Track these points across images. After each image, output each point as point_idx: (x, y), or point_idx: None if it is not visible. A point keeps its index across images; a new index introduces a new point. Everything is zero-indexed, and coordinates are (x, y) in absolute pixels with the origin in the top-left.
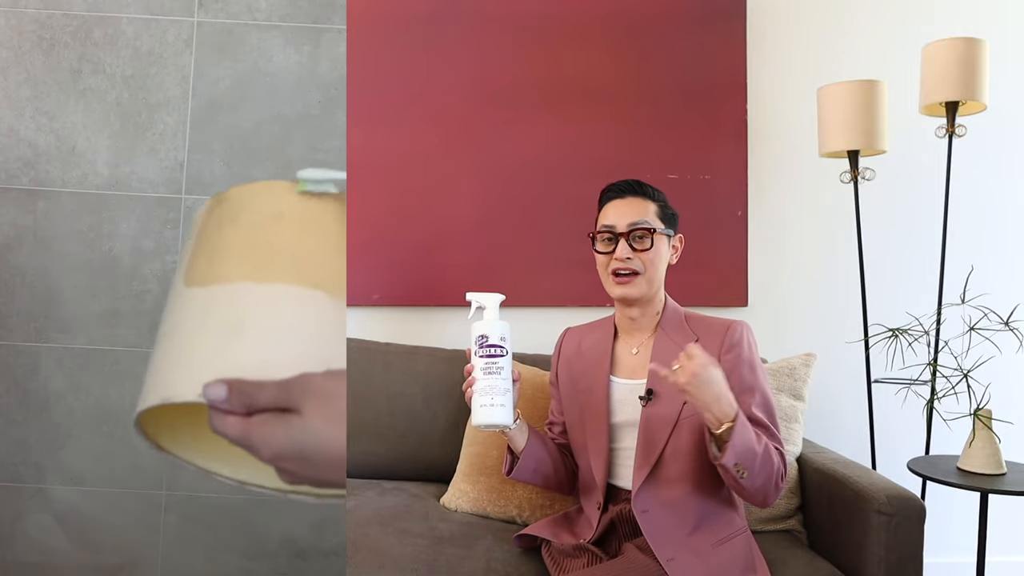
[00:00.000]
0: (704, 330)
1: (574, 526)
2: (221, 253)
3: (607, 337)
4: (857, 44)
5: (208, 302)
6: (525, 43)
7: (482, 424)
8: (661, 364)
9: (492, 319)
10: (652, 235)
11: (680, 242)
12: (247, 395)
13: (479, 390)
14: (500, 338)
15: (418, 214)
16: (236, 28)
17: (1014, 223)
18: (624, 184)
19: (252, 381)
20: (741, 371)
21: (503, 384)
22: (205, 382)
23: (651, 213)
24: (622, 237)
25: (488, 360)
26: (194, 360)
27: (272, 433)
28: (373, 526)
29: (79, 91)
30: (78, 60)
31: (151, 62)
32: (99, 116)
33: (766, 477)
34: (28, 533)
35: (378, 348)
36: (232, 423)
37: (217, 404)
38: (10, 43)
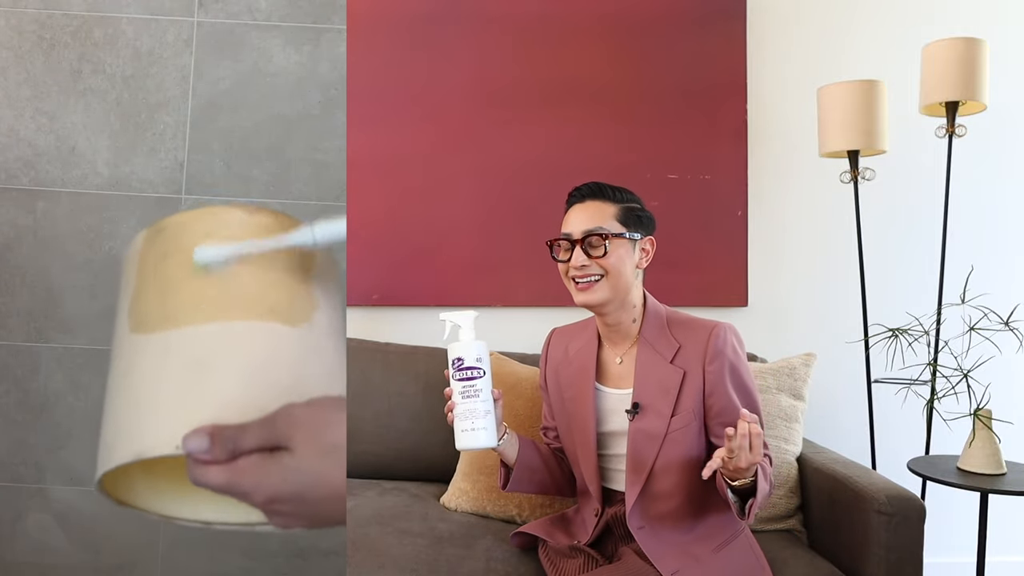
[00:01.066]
0: (686, 335)
1: (570, 527)
2: (171, 292)
3: (592, 344)
4: (857, 44)
5: (164, 347)
6: (525, 43)
7: (464, 449)
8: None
9: (468, 340)
10: (606, 241)
11: (651, 244)
12: (230, 440)
13: (459, 415)
14: (476, 359)
15: (418, 214)
16: (236, 28)
17: (1014, 223)
18: (585, 188)
19: (232, 424)
20: (726, 382)
21: (483, 407)
22: (182, 432)
23: (609, 217)
24: (577, 244)
25: (466, 384)
26: (161, 409)
27: (264, 476)
28: (373, 526)
29: (79, 91)
30: (78, 60)
31: (151, 62)
32: (99, 116)
33: (762, 506)
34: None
35: (378, 348)
36: (216, 473)
37: (199, 456)
38: (10, 43)
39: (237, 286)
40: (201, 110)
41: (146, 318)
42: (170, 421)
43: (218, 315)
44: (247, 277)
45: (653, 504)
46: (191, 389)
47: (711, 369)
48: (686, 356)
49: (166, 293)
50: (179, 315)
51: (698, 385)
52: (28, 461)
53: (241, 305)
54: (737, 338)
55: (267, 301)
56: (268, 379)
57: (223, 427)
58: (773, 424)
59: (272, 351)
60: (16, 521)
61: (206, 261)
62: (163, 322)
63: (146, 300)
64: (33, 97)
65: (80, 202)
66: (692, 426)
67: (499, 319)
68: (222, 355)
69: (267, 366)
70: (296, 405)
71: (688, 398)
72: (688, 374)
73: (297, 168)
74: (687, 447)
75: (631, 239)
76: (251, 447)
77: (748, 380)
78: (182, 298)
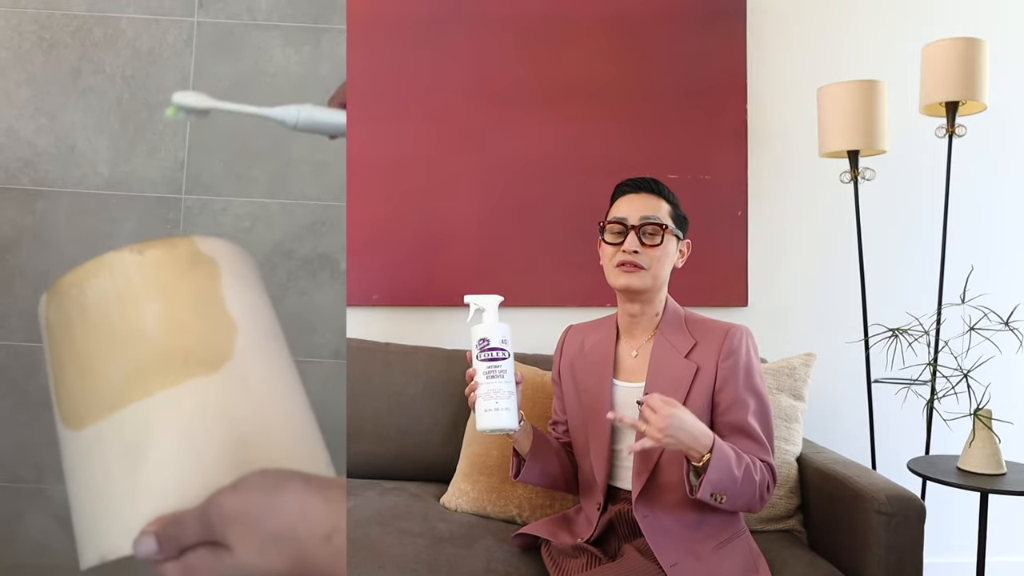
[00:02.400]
0: (703, 333)
1: (572, 526)
2: (87, 372)
3: (609, 338)
4: (857, 44)
5: (97, 439)
6: (526, 43)
7: (487, 429)
8: (668, 383)
9: (492, 321)
10: (663, 232)
11: (687, 247)
12: (173, 538)
13: (483, 395)
14: (501, 340)
15: (418, 214)
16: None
17: (1014, 223)
18: (641, 180)
19: (169, 517)
20: (738, 379)
21: (507, 388)
22: (135, 529)
23: (664, 212)
24: (633, 230)
25: (490, 364)
26: (110, 507)
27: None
28: (373, 526)
29: (79, 91)
30: (78, 60)
31: (151, 62)
32: (99, 116)
33: (748, 497)
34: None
35: (378, 348)
36: (172, 570)
37: (152, 558)
38: (10, 43)
39: (150, 347)
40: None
41: (73, 409)
42: (121, 519)
43: (137, 390)
44: (157, 331)
45: (659, 495)
46: (132, 480)
47: (724, 366)
48: (701, 352)
49: (83, 374)
50: (101, 401)
51: (709, 381)
52: (28, 461)
53: (158, 367)
54: (753, 342)
55: (181, 351)
56: (211, 443)
57: (165, 522)
58: (773, 424)
59: (203, 410)
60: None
61: (185, 104)
62: (89, 413)
63: (67, 385)
64: (33, 97)
65: (80, 202)
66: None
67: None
68: (153, 434)
69: (204, 429)
70: (223, 492)
71: (699, 393)
72: (701, 369)
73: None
74: None
75: (677, 237)
76: (193, 541)
77: (759, 383)
78: (100, 376)
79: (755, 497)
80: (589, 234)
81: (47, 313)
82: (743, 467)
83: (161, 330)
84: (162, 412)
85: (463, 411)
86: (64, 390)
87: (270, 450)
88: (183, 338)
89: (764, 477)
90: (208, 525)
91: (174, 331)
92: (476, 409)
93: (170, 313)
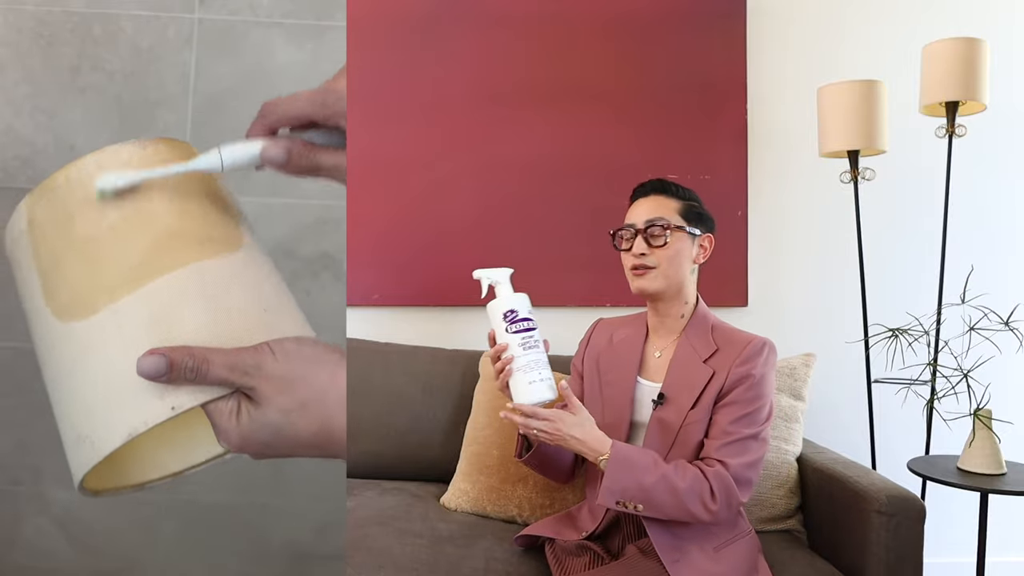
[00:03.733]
0: (726, 342)
1: (576, 522)
2: (97, 259)
3: (639, 335)
4: (857, 44)
5: (115, 322)
6: (527, 44)
7: (535, 400)
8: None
9: (511, 293)
10: (667, 232)
11: (709, 242)
12: (189, 369)
13: (522, 367)
14: (528, 311)
15: (419, 214)
16: (237, 25)
17: (1014, 223)
18: (648, 184)
19: (198, 348)
20: (743, 384)
21: (543, 357)
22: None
23: (672, 211)
24: (639, 233)
25: (525, 335)
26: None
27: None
28: (373, 526)
29: (78, 88)
30: (77, 57)
31: (151, 59)
32: (98, 114)
33: (674, 506)
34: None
35: (378, 348)
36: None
37: (158, 380)
38: (8, 40)
39: (162, 227)
40: (202, 108)
41: (77, 297)
42: (155, 387)
43: (166, 262)
44: (166, 215)
45: None
46: (163, 344)
47: (738, 370)
48: (720, 359)
49: (90, 259)
50: (118, 280)
51: (720, 383)
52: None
53: (181, 243)
54: (773, 356)
55: (199, 233)
56: (239, 310)
57: (187, 349)
58: (773, 424)
59: (229, 279)
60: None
61: (109, 187)
62: (102, 295)
63: (67, 275)
64: (31, 95)
65: None
66: (704, 420)
67: None
68: (179, 306)
69: (231, 296)
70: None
71: (709, 395)
72: (716, 374)
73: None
74: (700, 441)
75: (691, 234)
76: (216, 382)
77: (765, 392)
78: (113, 257)
79: (686, 507)
80: (590, 234)
81: (31, 213)
82: (659, 476)
83: (175, 212)
84: (190, 283)
85: (463, 411)
86: (62, 282)
87: (288, 320)
88: (197, 221)
89: (700, 487)
90: (241, 372)
91: (187, 215)
92: (515, 383)
93: (181, 199)
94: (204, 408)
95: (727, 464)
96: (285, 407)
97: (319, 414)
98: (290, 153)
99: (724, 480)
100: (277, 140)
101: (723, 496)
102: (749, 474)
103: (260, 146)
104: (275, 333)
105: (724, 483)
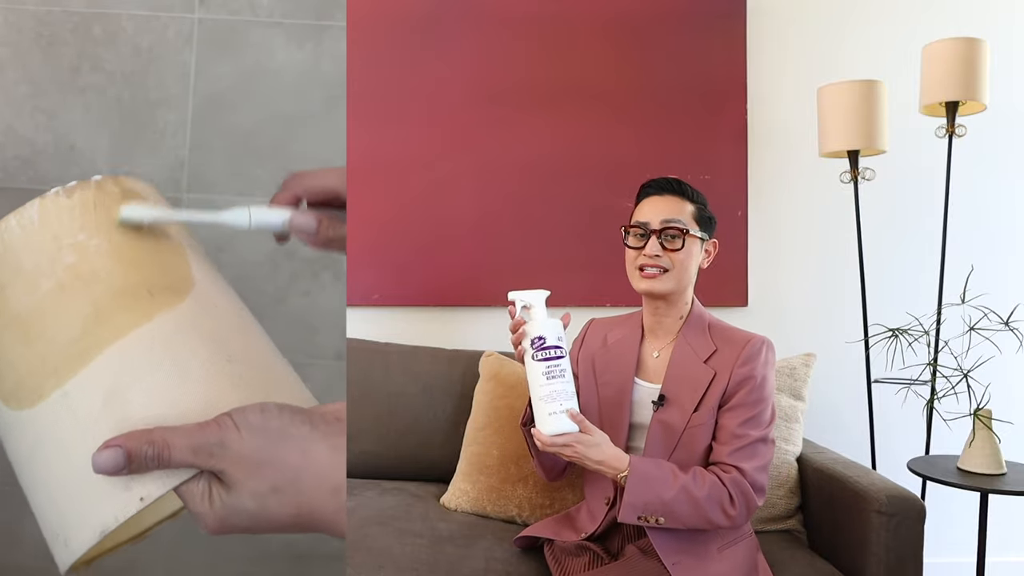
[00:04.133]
0: (724, 341)
1: (576, 522)
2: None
3: (634, 336)
4: (857, 44)
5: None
6: (527, 44)
7: (553, 433)
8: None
9: (543, 318)
10: (684, 236)
11: (714, 247)
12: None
13: (543, 397)
14: (557, 338)
15: (419, 214)
16: (237, 25)
17: (1014, 223)
18: (664, 181)
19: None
20: (746, 386)
21: (568, 388)
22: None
23: (687, 214)
24: (654, 234)
25: (550, 364)
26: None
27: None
28: (373, 526)
29: (78, 88)
30: (77, 57)
31: (151, 59)
32: (99, 114)
33: (694, 516)
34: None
35: (378, 348)
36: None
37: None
38: (8, 40)
39: (101, 289)
40: (202, 108)
41: (22, 383)
42: (118, 479)
43: (107, 333)
44: (104, 273)
45: None
46: (120, 425)
47: (739, 372)
48: (720, 359)
49: (30, 337)
50: (62, 359)
51: (723, 385)
52: None
53: (123, 304)
54: (771, 355)
55: (143, 286)
56: (200, 366)
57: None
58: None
59: (183, 335)
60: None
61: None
62: (48, 378)
63: (8, 358)
64: (31, 95)
65: None
66: (708, 424)
67: (500, 319)
68: (132, 379)
69: (189, 353)
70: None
71: (712, 397)
72: (718, 375)
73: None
74: (703, 444)
75: (701, 238)
76: (179, 464)
77: (768, 394)
78: (53, 333)
79: (706, 515)
80: (590, 235)
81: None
82: (678, 488)
83: (114, 267)
84: (141, 348)
85: (463, 411)
86: (4, 366)
87: (258, 368)
88: (140, 271)
89: (719, 494)
90: (207, 454)
91: (128, 265)
92: (537, 412)
93: (118, 248)
94: (176, 492)
95: (743, 470)
96: (257, 491)
97: (293, 498)
98: (320, 225)
99: (742, 486)
100: (307, 212)
101: (742, 501)
102: (762, 478)
103: (289, 214)
104: (242, 389)
105: (742, 488)
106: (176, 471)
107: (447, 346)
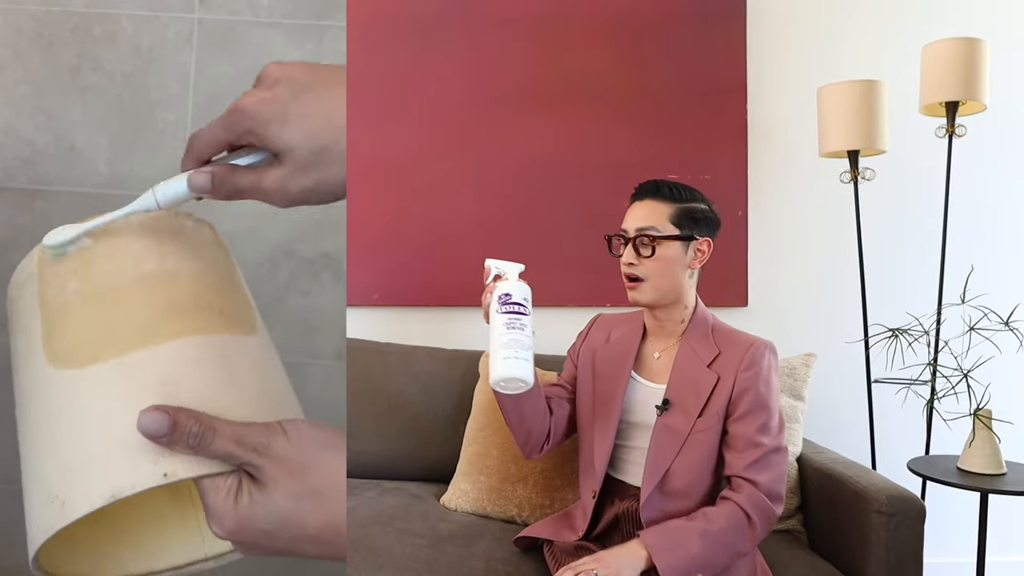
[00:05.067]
0: (728, 345)
1: (573, 522)
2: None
3: (636, 334)
4: (857, 44)
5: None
6: (527, 44)
7: (506, 375)
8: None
9: (515, 280)
10: (654, 242)
11: (707, 245)
12: (194, 435)
13: (502, 344)
14: (523, 298)
15: (419, 214)
16: (237, 25)
17: (1014, 223)
18: (644, 185)
19: (205, 414)
20: (753, 391)
21: (527, 340)
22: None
23: (663, 218)
24: (630, 242)
25: (511, 316)
26: (132, 439)
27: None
28: (373, 526)
29: (78, 89)
30: (77, 57)
31: (151, 59)
32: (98, 114)
33: (727, 551)
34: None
35: (378, 348)
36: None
37: (156, 438)
38: (8, 40)
39: (183, 290)
40: (202, 108)
41: (80, 346)
42: (149, 449)
43: (179, 327)
44: (188, 279)
45: (667, 501)
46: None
47: (743, 376)
48: (723, 363)
49: (104, 306)
50: (129, 333)
51: (727, 390)
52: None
53: (198, 311)
54: (774, 359)
55: (218, 305)
56: (250, 394)
57: (189, 413)
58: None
59: (245, 361)
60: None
61: (54, 243)
62: (111, 347)
63: (75, 320)
64: (31, 95)
65: (79, 201)
66: (713, 429)
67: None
68: (192, 372)
69: (247, 377)
70: (273, 431)
71: (716, 403)
72: (722, 379)
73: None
74: (707, 450)
75: (684, 239)
76: (219, 451)
77: (774, 399)
78: (127, 309)
79: (735, 548)
80: (590, 235)
81: (43, 256)
82: (698, 535)
83: (195, 282)
84: (204, 352)
85: (463, 411)
86: (67, 327)
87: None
88: (216, 296)
89: (737, 521)
90: (249, 448)
91: (207, 288)
92: (493, 359)
93: (204, 269)
94: (199, 484)
95: (757, 483)
96: (295, 492)
97: (330, 507)
98: (213, 178)
99: (757, 500)
100: (201, 168)
101: (761, 518)
102: (779, 488)
103: (189, 178)
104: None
105: (757, 503)
106: (209, 461)
107: (447, 346)
